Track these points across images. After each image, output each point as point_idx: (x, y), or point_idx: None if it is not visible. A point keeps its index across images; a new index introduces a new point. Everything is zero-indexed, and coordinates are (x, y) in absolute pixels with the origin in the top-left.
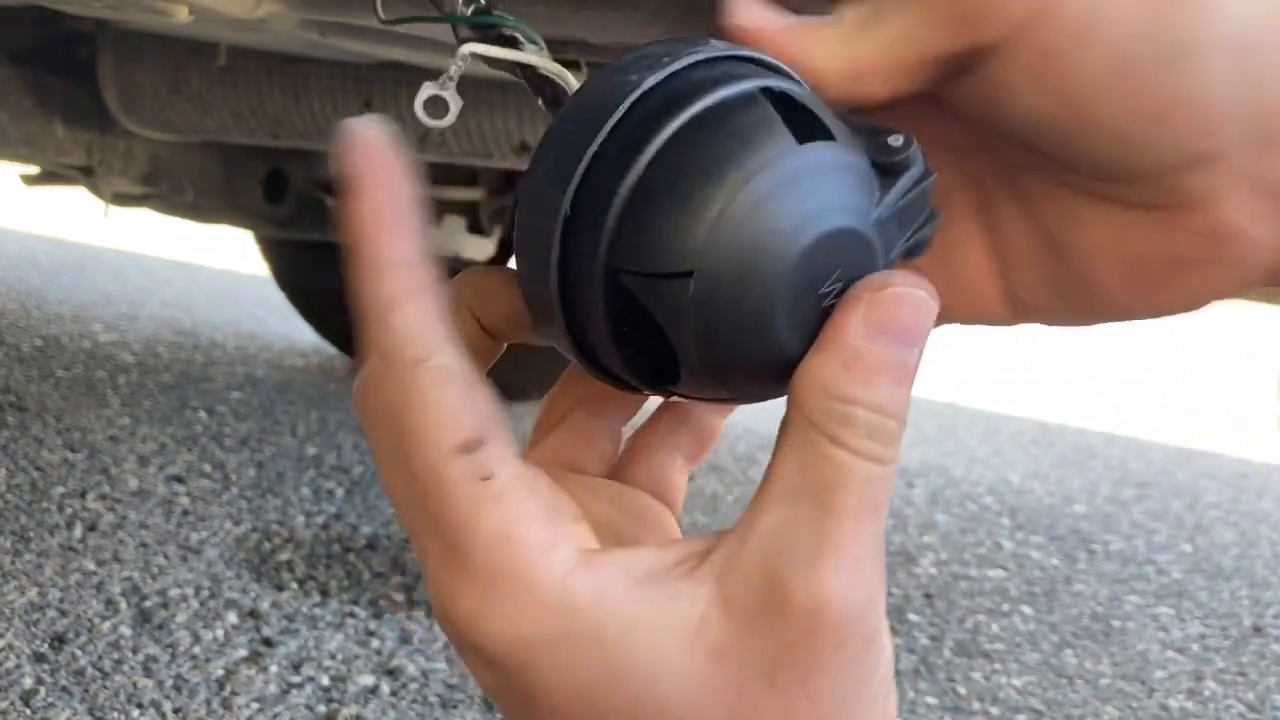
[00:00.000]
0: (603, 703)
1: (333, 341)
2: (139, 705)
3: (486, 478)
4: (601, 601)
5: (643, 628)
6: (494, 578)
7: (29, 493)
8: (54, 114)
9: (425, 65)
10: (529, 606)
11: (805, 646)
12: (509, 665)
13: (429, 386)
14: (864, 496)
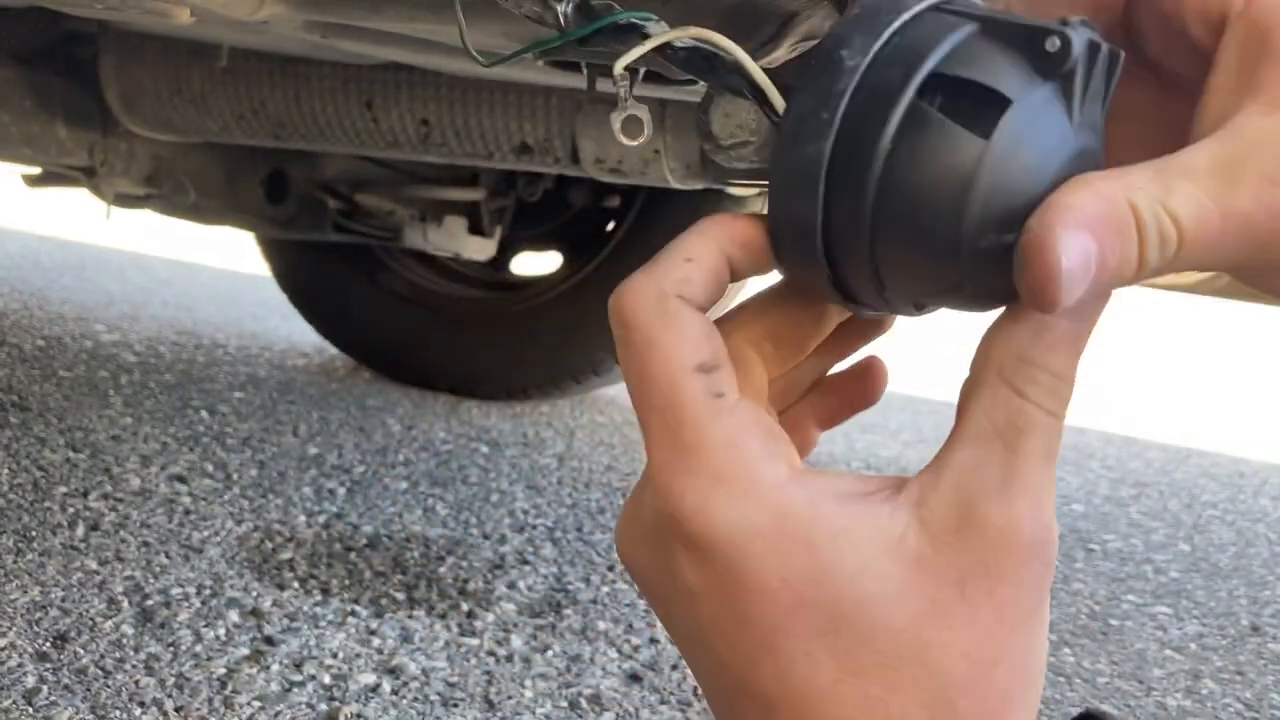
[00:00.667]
0: (809, 595)
1: (334, 341)
2: (141, 704)
3: (719, 394)
4: (813, 508)
5: (849, 535)
6: (721, 477)
7: (31, 492)
8: (56, 115)
9: (425, 66)
10: (751, 503)
11: (994, 562)
12: (727, 555)
13: (680, 311)
14: (1045, 441)
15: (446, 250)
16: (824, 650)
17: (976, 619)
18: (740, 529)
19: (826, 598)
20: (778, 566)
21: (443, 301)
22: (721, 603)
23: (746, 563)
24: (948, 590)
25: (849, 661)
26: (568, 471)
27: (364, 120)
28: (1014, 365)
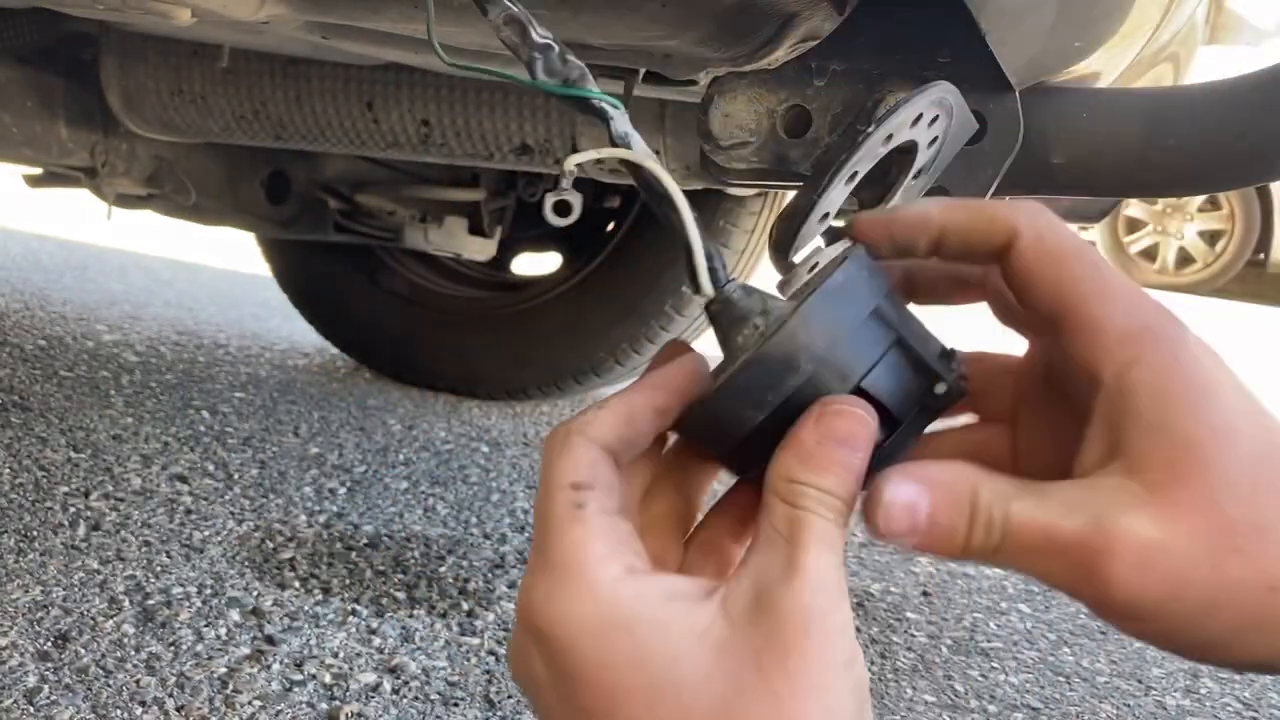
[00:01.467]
0: (629, 680)
1: (334, 342)
2: (142, 703)
3: (580, 505)
4: (636, 604)
5: (665, 626)
6: (562, 574)
7: (33, 492)
8: (57, 115)
9: (425, 67)
10: (583, 597)
11: (781, 637)
12: (560, 643)
13: (574, 442)
14: (820, 536)
15: (447, 250)
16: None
17: (773, 690)
18: (572, 619)
19: (644, 682)
20: (602, 653)
21: (443, 302)
22: (558, 689)
23: (575, 650)
24: (747, 668)
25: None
26: None
27: (364, 121)
28: (785, 486)
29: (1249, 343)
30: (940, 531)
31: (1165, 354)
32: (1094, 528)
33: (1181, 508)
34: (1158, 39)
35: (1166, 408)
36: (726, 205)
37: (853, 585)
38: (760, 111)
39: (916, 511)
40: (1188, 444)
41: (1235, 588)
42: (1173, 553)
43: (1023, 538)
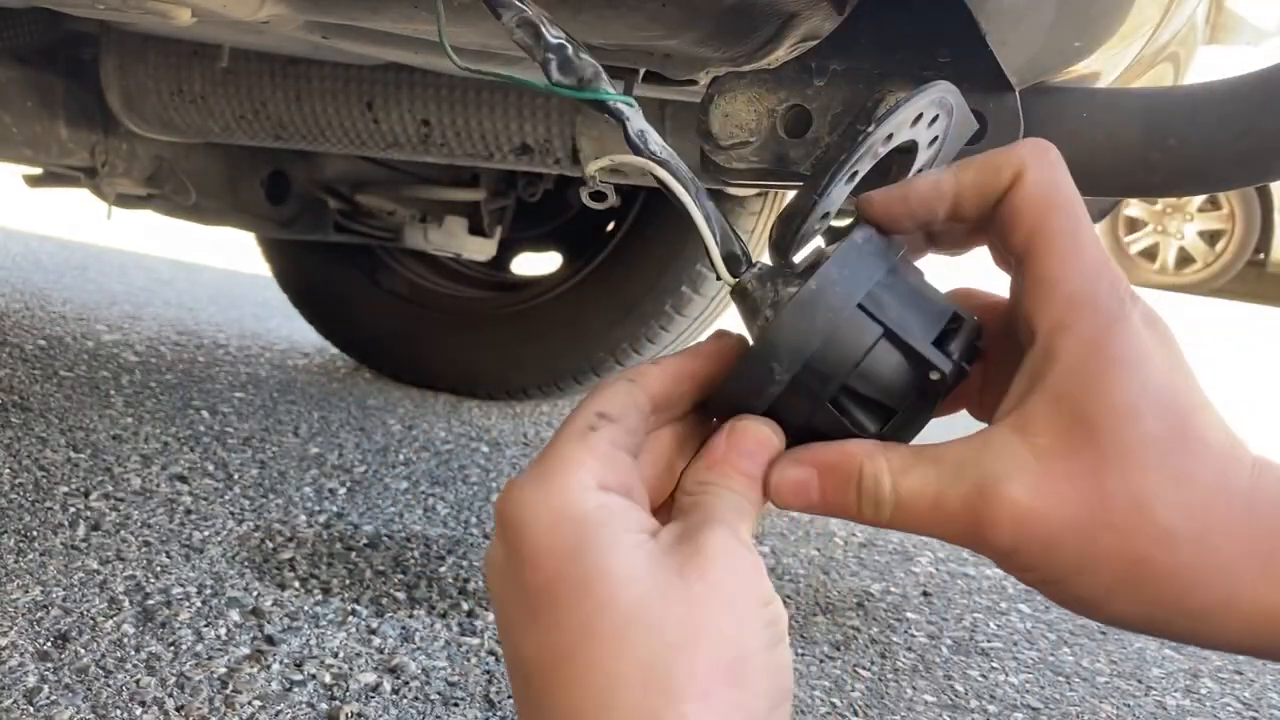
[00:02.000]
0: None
1: (334, 342)
2: (142, 703)
3: (592, 429)
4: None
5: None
6: (543, 474)
7: (32, 492)
8: (57, 115)
9: (426, 67)
10: (550, 494)
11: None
12: (518, 528)
13: (620, 383)
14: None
15: (447, 250)
16: (571, 618)
17: (690, 594)
18: (535, 508)
19: (579, 571)
20: (551, 541)
21: (443, 301)
22: (509, 571)
23: (529, 535)
24: (671, 575)
25: (588, 629)
26: None
27: (365, 121)
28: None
29: (1249, 343)
30: (832, 507)
31: (1097, 327)
32: (977, 494)
33: (1063, 477)
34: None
35: (1078, 381)
36: (726, 205)
37: (853, 585)
38: (760, 111)
39: (808, 490)
40: (1084, 420)
41: (1103, 557)
42: (1046, 517)
43: (913, 507)
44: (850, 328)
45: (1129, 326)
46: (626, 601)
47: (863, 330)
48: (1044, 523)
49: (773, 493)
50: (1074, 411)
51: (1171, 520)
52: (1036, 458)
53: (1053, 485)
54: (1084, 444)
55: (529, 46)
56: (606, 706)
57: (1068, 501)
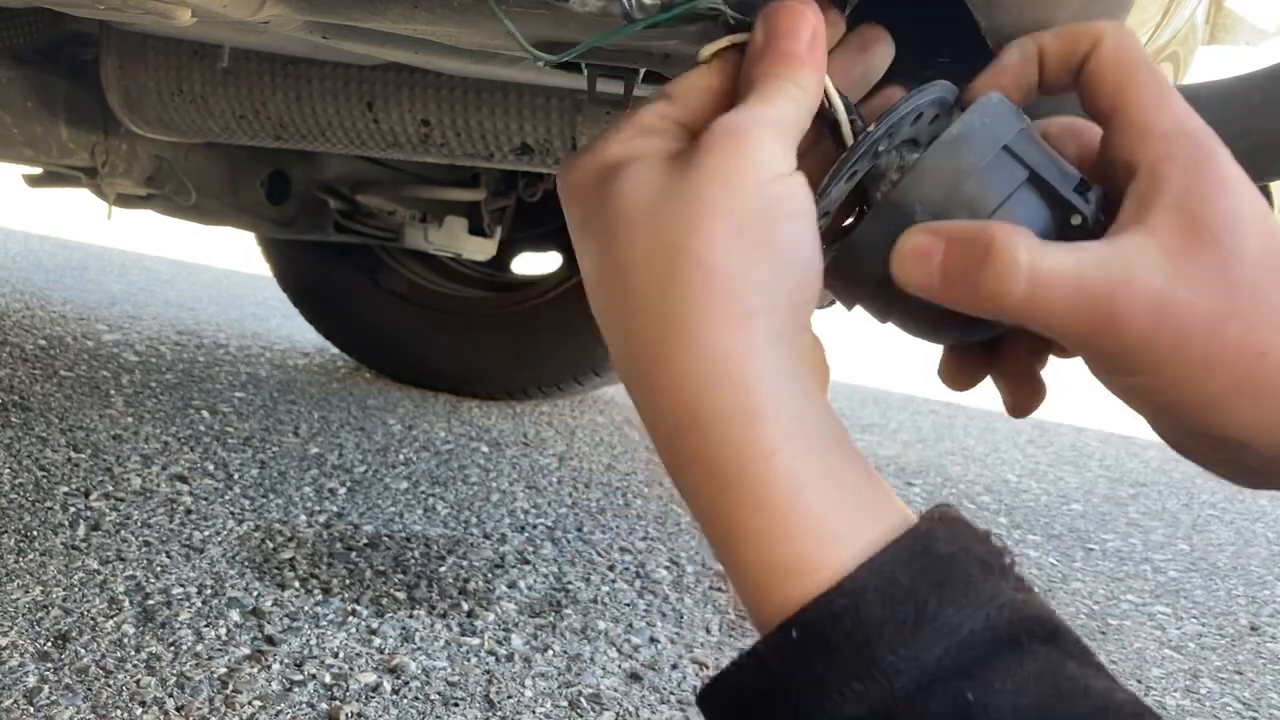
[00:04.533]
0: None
1: (334, 341)
2: (142, 703)
3: (666, 96)
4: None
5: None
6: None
7: (33, 492)
8: (58, 115)
9: (426, 67)
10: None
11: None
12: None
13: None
14: (762, 96)
15: (447, 250)
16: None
17: (689, 183)
18: (569, 164)
19: (603, 195)
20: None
21: (443, 301)
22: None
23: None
24: (676, 173)
25: (613, 236)
26: (568, 471)
27: (365, 121)
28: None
29: None
30: (954, 283)
31: (1199, 155)
32: (1120, 277)
33: (1194, 270)
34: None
35: (1190, 195)
36: None
37: None
38: None
39: (931, 258)
40: (1204, 223)
41: (1231, 348)
42: (1182, 307)
43: (1055, 286)
44: (996, 169)
45: (1224, 157)
46: (638, 203)
47: (1008, 172)
48: (1179, 311)
49: (894, 259)
50: (1194, 220)
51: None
52: (1168, 255)
53: (1186, 275)
54: (1207, 244)
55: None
56: (627, 296)
57: (1201, 292)
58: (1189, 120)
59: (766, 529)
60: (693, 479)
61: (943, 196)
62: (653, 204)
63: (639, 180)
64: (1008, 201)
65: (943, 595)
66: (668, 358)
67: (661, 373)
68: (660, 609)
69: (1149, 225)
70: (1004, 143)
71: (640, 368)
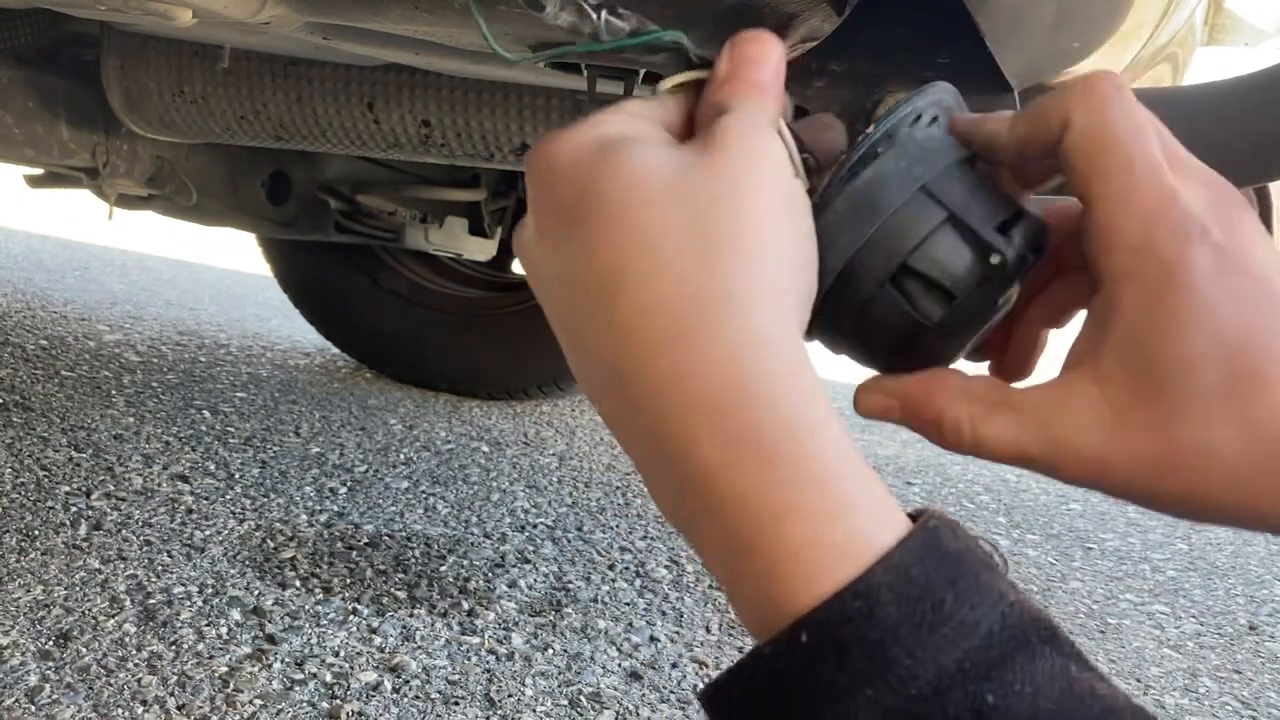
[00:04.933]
0: (599, 164)
1: (335, 341)
2: (143, 702)
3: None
4: (617, 128)
5: (635, 136)
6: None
7: (34, 491)
8: (59, 116)
9: (426, 68)
10: (573, 129)
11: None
12: (542, 160)
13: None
14: (742, 111)
15: (448, 250)
16: (609, 206)
17: (715, 162)
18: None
19: (607, 166)
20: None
21: (444, 302)
22: (541, 209)
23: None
24: (695, 153)
25: (625, 205)
26: (568, 471)
27: (365, 121)
28: (709, 110)
29: None
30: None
31: (1157, 278)
32: (1055, 447)
33: (1134, 429)
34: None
35: (1142, 333)
36: None
37: None
38: None
39: (890, 413)
40: (1150, 372)
41: (1171, 496)
42: (1119, 468)
43: (992, 451)
44: (913, 211)
45: (1191, 272)
46: (657, 176)
47: (926, 214)
48: (1116, 471)
49: (859, 406)
50: (1142, 363)
51: (1240, 466)
52: (1112, 410)
53: (1128, 438)
54: (1154, 397)
55: (576, 25)
56: (654, 260)
57: (1140, 453)
58: (1156, 224)
59: (819, 506)
60: (732, 456)
61: (858, 237)
62: (679, 180)
63: (654, 157)
64: (924, 244)
65: (957, 592)
66: (712, 329)
67: (702, 346)
68: (660, 608)
69: (1097, 370)
70: (922, 183)
71: (663, 343)
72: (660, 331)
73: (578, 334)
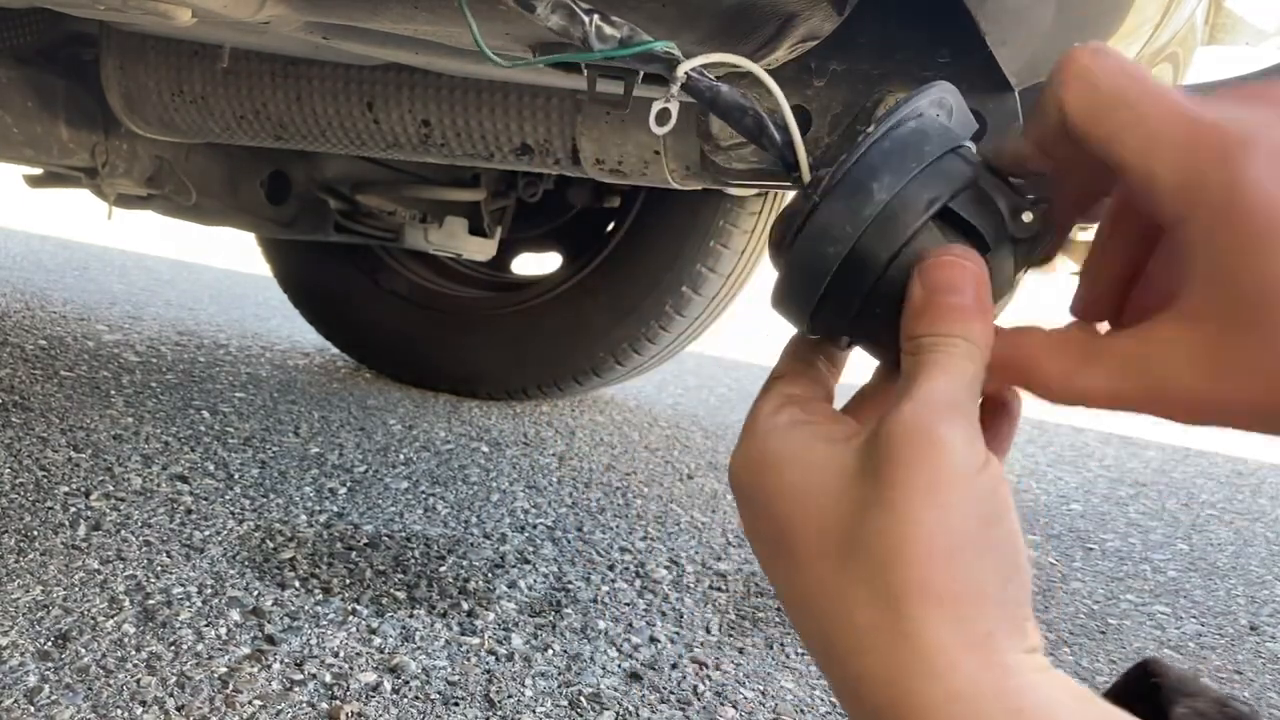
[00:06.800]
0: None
1: (335, 341)
2: (142, 703)
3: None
4: (784, 445)
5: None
6: (744, 430)
7: (33, 491)
8: (58, 115)
9: (426, 67)
10: (748, 444)
11: (888, 452)
12: (735, 481)
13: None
14: (937, 367)
15: (447, 250)
16: (786, 559)
17: (888, 498)
18: (739, 461)
19: (787, 510)
20: (755, 488)
21: (443, 302)
22: (744, 521)
23: (740, 486)
24: (867, 486)
25: (799, 563)
26: (568, 471)
27: (365, 121)
28: (909, 344)
29: None
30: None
31: (1217, 204)
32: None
33: (1235, 361)
34: (1157, 39)
35: (1220, 261)
36: (726, 205)
37: None
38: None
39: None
40: (1244, 299)
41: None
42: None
43: (1092, 400)
44: (893, 218)
45: (1246, 189)
46: (837, 529)
47: (961, 170)
48: (1220, 405)
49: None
50: (1227, 296)
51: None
52: (1207, 349)
53: (1228, 373)
54: (1247, 326)
55: (566, 28)
56: (845, 624)
57: (1243, 387)
58: (1193, 156)
59: None
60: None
61: (851, 233)
62: (846, 524)
63: (820, 491)
64: (913, 240)
65: None
66: (915, 701)
67: (915, 712)
68: (660, 608)
69: (1183, 312)
70: (919, 167)
71: (877, 707)
72: (868, 701)
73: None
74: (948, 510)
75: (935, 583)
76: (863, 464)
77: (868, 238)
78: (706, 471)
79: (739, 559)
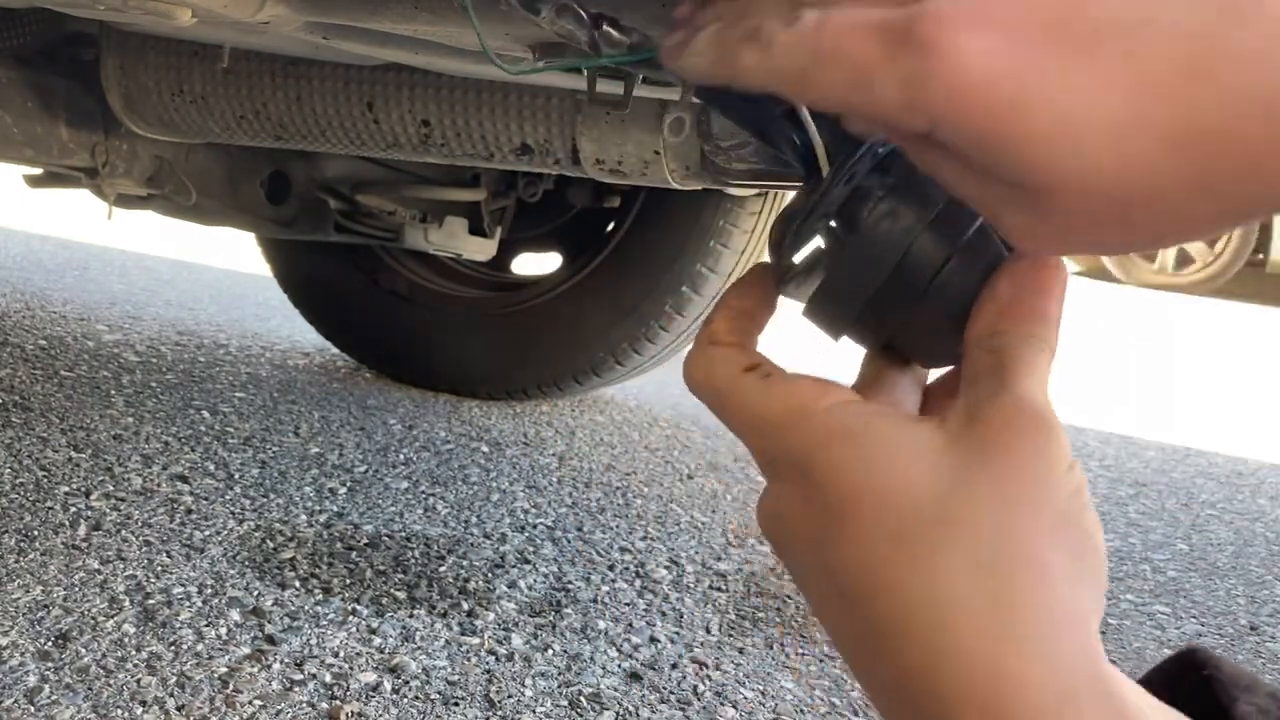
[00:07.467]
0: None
1: (335, 341)
2: (142, 703)
3: (769, 375)
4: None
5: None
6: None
7: (33, 491)
8: (58, 115)
9: (426, 67)
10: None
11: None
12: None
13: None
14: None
15: (447, 250)
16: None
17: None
18: (799, 437)
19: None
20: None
21: (443, 302)
22: (801, 500)
23: (810, 459)
24: (971, 459)
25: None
26: (568, 471)
27: (365, 121)
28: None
29: (1249, 343)
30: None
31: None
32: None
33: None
34: None
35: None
36: (726, 205)
37: None
38: None
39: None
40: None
41: None
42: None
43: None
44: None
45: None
46: (930, 499)
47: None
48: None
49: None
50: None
51: None
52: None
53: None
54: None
55: (571, 32)
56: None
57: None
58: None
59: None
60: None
61: (916, 231)
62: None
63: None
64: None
65: None
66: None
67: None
68: (660, 608)
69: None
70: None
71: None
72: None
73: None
74: (1055, 493)
75: (1046, 558)
76: (959, 443)
77: (926, 237)
78: (706, 471)
79: (739, 559)
